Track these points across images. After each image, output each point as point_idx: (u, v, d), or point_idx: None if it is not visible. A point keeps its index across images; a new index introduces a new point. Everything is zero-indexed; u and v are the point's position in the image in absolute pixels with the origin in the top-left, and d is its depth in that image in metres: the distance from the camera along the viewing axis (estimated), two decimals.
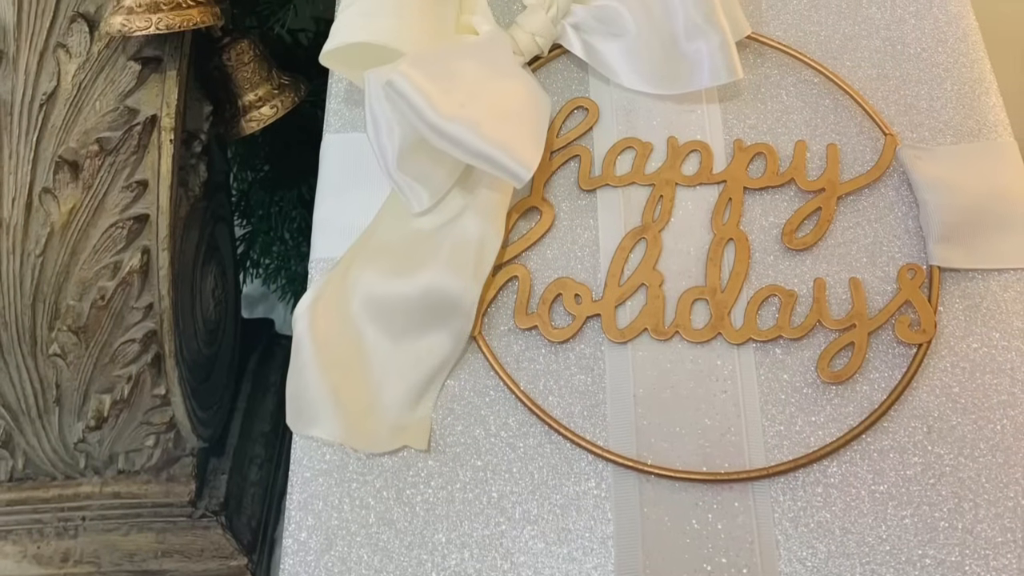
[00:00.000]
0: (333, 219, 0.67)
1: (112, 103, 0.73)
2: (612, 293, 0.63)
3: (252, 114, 0.81)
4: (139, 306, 0.77)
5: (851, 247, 0.64)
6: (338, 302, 0.63)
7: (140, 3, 0.69)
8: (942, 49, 0.70)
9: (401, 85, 0.58)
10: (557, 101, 0.69)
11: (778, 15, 0.71)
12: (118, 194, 0.74)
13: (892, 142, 0.66)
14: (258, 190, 1.10)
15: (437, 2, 0.65)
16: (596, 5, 0.67)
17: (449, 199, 0.65)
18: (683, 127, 0.67)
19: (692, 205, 0.65)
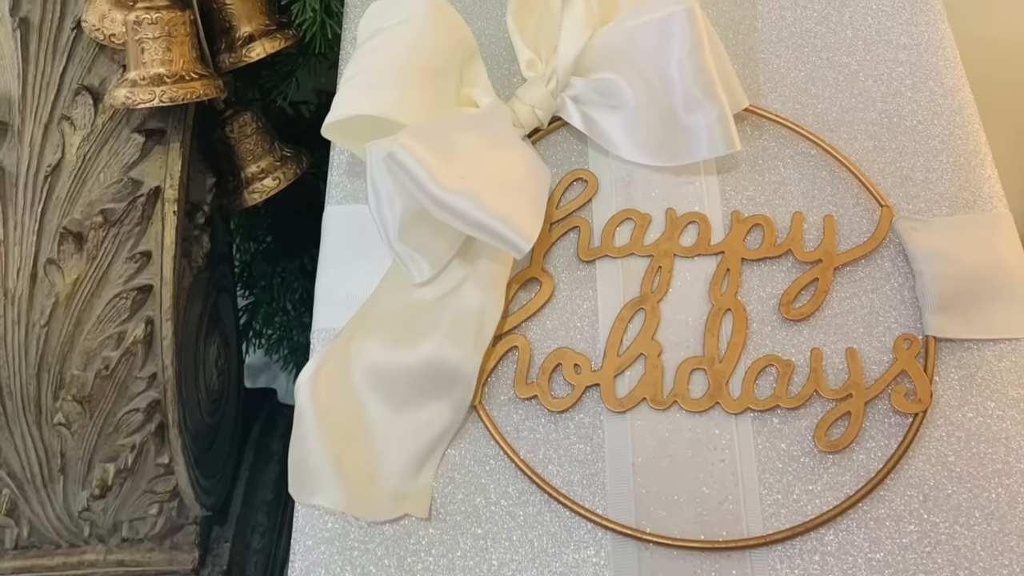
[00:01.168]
0: (335, 290, 0.71)
1: (116, 175, 0.78)
2: (611, 363, 0.67)
3: (255, 186, 0.86)
4: (143, 376, 0.81)
5: (848, 317, 0.68)
6: (340, 372, 0.67)
7: (144, 76, 0.74)
8: (938, 121, 0.75)
9: (402, 157, 0.63)
10: (557, 173, 0.73)
11: (775, 88, 0.76)
12: (122, 265, 0.79)
13: (888, 213, 0.70)
14: (260, 261, 1.15)
15: (438, 75, 0.70)
16: (595, 77, 0.72)
17: (450, 270, 0.69)
18: (681, 198, 0.72)
19: (690, 276, 0.69)
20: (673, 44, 0.69)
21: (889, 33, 0.78)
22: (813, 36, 0.78)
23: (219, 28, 0.84)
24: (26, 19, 0.78)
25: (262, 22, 0.84)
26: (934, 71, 0.76)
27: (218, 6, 0.82)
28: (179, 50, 0.75)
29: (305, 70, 0.99)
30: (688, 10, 0.69)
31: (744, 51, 0.78)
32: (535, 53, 0.73)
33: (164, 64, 0.74)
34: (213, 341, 0.93)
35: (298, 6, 0.84)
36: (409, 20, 0.71)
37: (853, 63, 0.77)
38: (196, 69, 0.76)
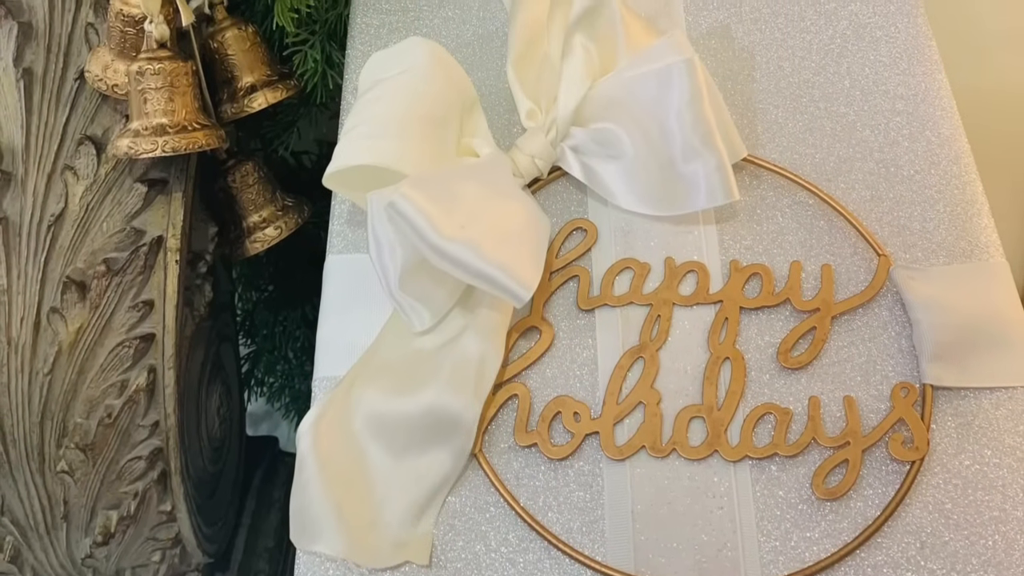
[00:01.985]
0: (336, 338, 0.74)
1: (119, 224, 0.82)
2: (610, 411, 0.70)
3: (257, 235, 0.89)
4: (145, 424, 0.84)
5: (845, 366, 0.71)
6: (341, 420, 0.70)
7: (147, 126, 0.78)
8: (935, 171, 0.78)
9: (403, 206, 0.66)
10: (556, 222, 0.76)
11: (773, 138, 0.80)
12: (125, 314, 0.82)
13: (886, 263, 0.73)
14: (262, 310, 1.18)
15: (438, 125, 0.73)
16: (594, 128, 0.75)
17: (450, 319, 0.72)
18: (680, 248, 0.75)
19: (689, 324, 0.73)
20: (672, 94, 0.72)
21: (886, 84, 0.82)
22: (811, 87, 0.82)
23: (221, 78, 0.87)
24: (30, 70, 0.82)
25: (264, 73, 0.87)
26: (931, 121, 0.80)
27: (220, 57, 0.86)
28: (181, 100, 0.78)
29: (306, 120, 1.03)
30: (687, 61, 0.72)
31: (743, 101, 0.81)
32: (535, 103, 0.77)
33: (167, 114, 0.78)
34: (215, 389, 0.96)
35: (299, 57, 0.88)
36: (410, 71, 0.74)
37: (851, 113, 0.80)
38: (198, 119, 0.79)
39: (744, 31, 0.84)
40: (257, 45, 0.87)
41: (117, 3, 0.79)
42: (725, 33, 0.84)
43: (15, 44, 0.81)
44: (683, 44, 0.73)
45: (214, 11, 0.85)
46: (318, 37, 0.88)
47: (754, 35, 0.84)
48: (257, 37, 0.87)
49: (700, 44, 0.83)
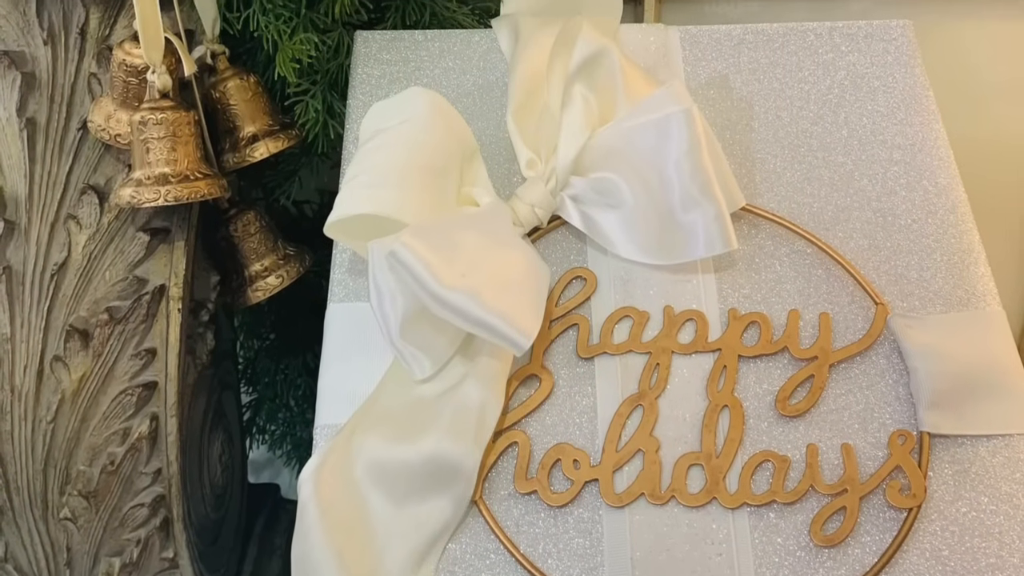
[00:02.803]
0: (337, 386, 0.77)
1: (121, 273, 0.85)
2: (610, 459, 0.72)
3: (258, 284, 0.92)
4: (148, 471, 0.87)
5: (843, 414, 0.74)
6: (342, 468, 0.72)
7: (149, 175, 0.81)
8: (932, 220, 0.81)
9: (403, 255, 0.69)
10: (556, 271, 0.79)
11: (772, 187, 0.83)
12: (127, 362, 0.85)
13: (883, 311, 0.76)
14: (264, 358, 1.21)
15: (438, 175, 0.76)
16: (594, 177, 0.78)
17: (451, 367, 0.75)
18: (679, 296, 0.78)
19: (688, 373, 0.75)
20: (671, 144, 0.76)
21: (884, 133, 0.85)
22: (809, 136, 0.85)
23: (223, 128, 0.90)
24: (33, 119, 0.85)
25: (265, 122, 0.90)
26: (928, 171, 0.83)
27: (222, 107, 0.89)
28: (184, 150, 0.82)
29: (308, 170, 1.06)
30: (686, 111, 0.75)
31: (741, 151, 0.84)
32: (535, 153, 0.80)
33: (169, 164, 0.81)
34: (217, 437, 0.99)
35: (301, 107, 0.91)
36: (410, 120, 0.77)
37: (848, 163, 0.84)
38: (200, 169, 0.83)
39: (742, 81, 0.88)
40: (259, 95, 0.90)
41: (120, 53, 0.82)
42: (723, 83, 0.87)
43: (18, 94, 0.85)
44: (682, 94, 0.76)
45: (216, 61, 0.89)
46: (319, 87, 0.91)
47: (752, 85, 0.87)
48: (259, 87, 0.90)
49: (698, 94, 0.87)
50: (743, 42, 0.89)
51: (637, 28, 0.90)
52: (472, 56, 0.90)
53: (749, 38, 0.89)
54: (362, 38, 0.90)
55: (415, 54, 0.89)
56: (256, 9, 0.85)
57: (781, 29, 0.90)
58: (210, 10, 0.85)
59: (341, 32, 0.91)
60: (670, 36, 0.89)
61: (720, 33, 0.90)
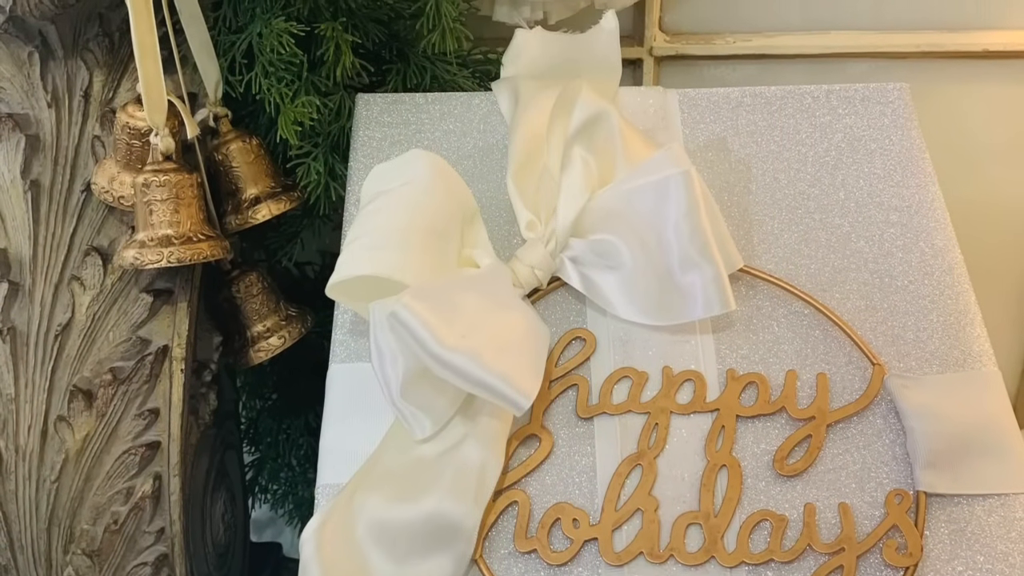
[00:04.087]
0: (339, 446, 0.79)
1: (125, 334, 0.88)
2: (609, 518, 0.75)
3: (260, 344, 0.95)
4: (151, 530, 0.90)
5: (840, 473, 0.77)
6: (344, 527, 0.75)
7: (152, 237, 0.84)
8: (928, 282, 0.84)
9: (404, 316, 0.71)
10: (556, 331, 0.82)
11: (769, 248, 0.86)
12: (131, 422, 0.88)
13: (880, 372, 0.79)
14: (266, 418, 1.24)
15: (439, 236, 0.79)
16: (593, 239, 0.81)
17: (451, 427, 0.77)
18: (677, 357, 0.81)
19: (686, 433, 0.78)
20: (670, 206, 0.79)
21: (881, 195, 0.88)
22: (806, 198, 0.88)
23: (225, 190, 0.94)
24: (37, 181, 0.89)
25: (268, 184, 0.94)
26: (925, 232, 0.86)
27: (225, 169, 0.93)
28: (186, 212, 0.85)
29: (310, 231, 1.10)
30: (684, 173, 0.78)
31: (739, 213, 0.87)
32: (534, 215, 0.83)
33: (172, 225, 0.84)
34: (220, 496, 1.02)
35: (303, 168, 0.95)
36: (411, 183, 0.80)
37: (845, 224, 0.87)
38: (203, 230, 0.86)
39: (740, 143, 0.91)
40: (261, 157, 0.94)
41: (123, 116, 0.86)
42: (722, 146, 0.91)
43: (23, 156, 0.88)
44: (680, 156, 0.80)
45: (219, 124, 0.92)
46: (321, 149, 0.95)
47: (750, 147, 0.90)
48: (261, 149, 0.94)
49: (697, 156, 0.90)
50: (741, 105, 0.93)
51: (636, 91, 0.94)
52: (472, 119, 0.93)
53: (747, 101, 0.93)
54: (363, 101, 0.94)
55: (416, 116, 0.93)
56: (258, 72, 0.89)
57: (779, 92, 0.93)
58: (213, 73, 0.89)
59: (343, 95, 0.95)
60: (669, 99, 0.93)
61: (718, 96, 0.93)
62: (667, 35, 1.19)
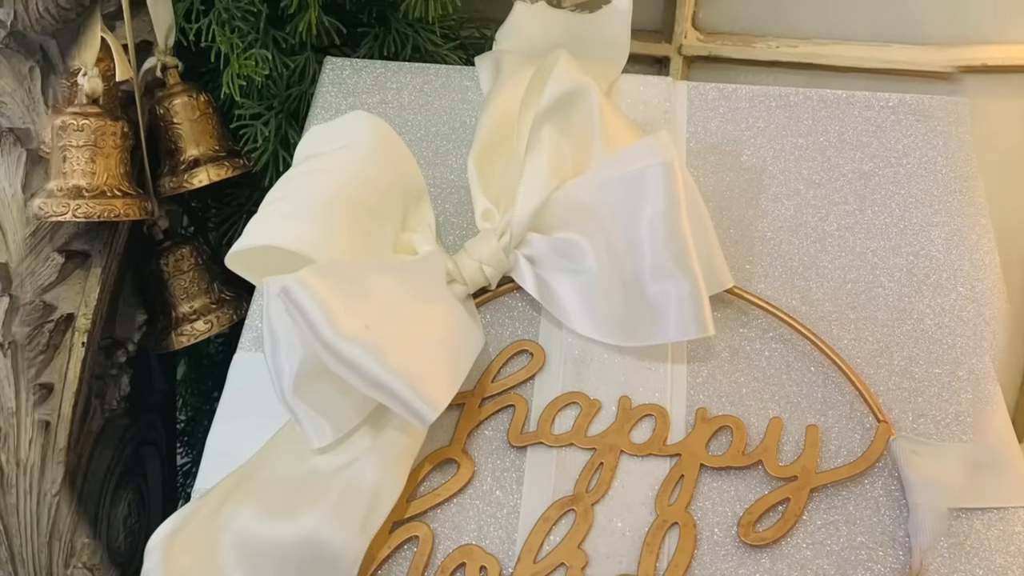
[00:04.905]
0: (227, 447, 0.65)
1: (29, 296, 0.75)
2: (525, 570, 0.60)
3: (184, 328, 0.82)
4: None
5: (819, 550, 0.60)
6: (204, 538, 0.60)
7: (62, 187, 0.72)
8: (963, 330, 0.68)
9: (297, 294, 0.57)
10: (500, 341, 0.68)
11: (770, 271, 0.70)
12: None
13: (885, 431, 0.63)
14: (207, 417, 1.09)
15: (370, 213, 0.65)
16: (556, 236, 0.67)
17: (355, 438, 0.62)
18: (640, 386, 0.65)
19: (636, 478, 0.63)
20: (645, 202, 0.64)
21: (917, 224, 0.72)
22: (825, 218, 0.73)
23: (165, 149, 0.82)
24: None
25: (211, 147, 0.81)
26: (965, 273, 0.70)
27: (166, 124, 0.81)
28: (104, 163, 0.73)
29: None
30: (665, 164, 0.63)
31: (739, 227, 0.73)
32: (493, 203, 0.68)
33: (86, 176, 0.73)
34: (124, 497, 0.88)
35: (249, 131, 0.82)
36: (349, 147, 0.66)
37: (868, 253, 0.71)
38: (121, 186, 0.74)
39: (754, 149, 0.76)
40: (207, 116, 0.81)
41: None
42: (730, 149, 0.75)
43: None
44: (664, 145, 0.64)
45: (167, 75, 0.80)
46: (275, 112, 0.81)
47: (766, 154, 0.75)
48: (209, 108, 0.82)
49: (699, 158, 0.75)
50: (761, 104, 0.78)
51: (639, 79, 0.79)
52: (449, 94, 0.80)
53: (769, 101, 0.78)
54: (331, 64, 0.81)
55: (386, 86, 0.80)
56: (212, 19, 0.76)
57: (808, 95, 0.78)
58: (164, 18, 0.78)
59: (309, 56, 0.82)
60: (677, 91, 0.78)
61: (735, 92, 0.78)
62: (701, 33, 1.01)
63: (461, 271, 0.67)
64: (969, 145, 0.75)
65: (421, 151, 0.76)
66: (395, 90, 0.79)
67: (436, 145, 0.77)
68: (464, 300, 0.67)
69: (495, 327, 0.68)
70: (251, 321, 0.70)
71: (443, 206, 0.74)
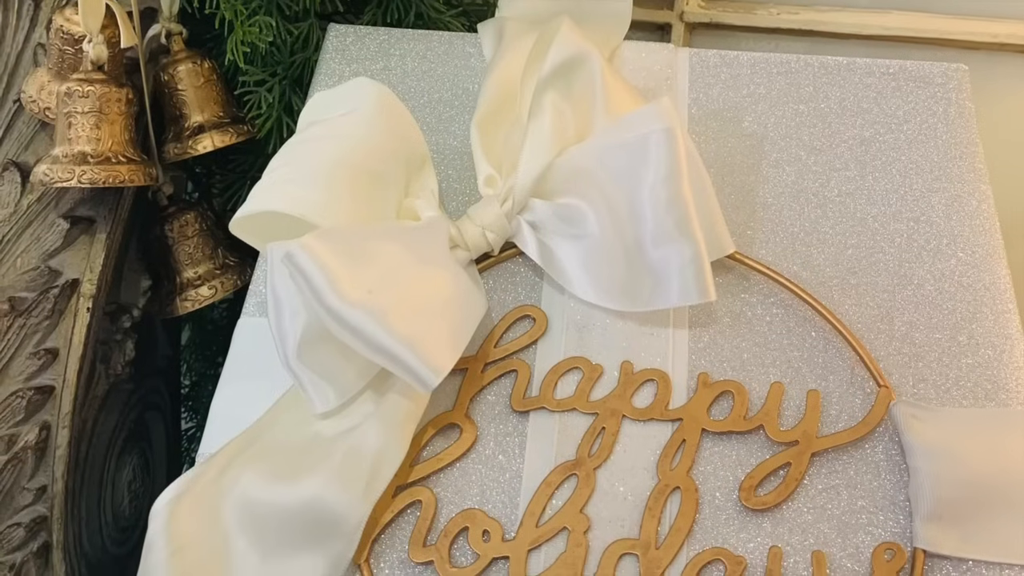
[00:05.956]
0: (231, 412, 0.62)
1: (34, 261, 0.72)
2: (527, 534, 0.57)
3: (188, 293, 0.78)
4: (31, 487, 0.73)
5: (820, 514, 0.57)
6: (208, 502, 0.58)
7: (67, 153, 0.69)
8: (963, 296, 0.64)
9: (300, 259, 0.54)
10: (503, 307, 0.64)
11: (772, 237, 0.67)
12: (24, 361, 0.72)
13: (886, 395, 0.59)
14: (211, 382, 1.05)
15: (375, 179, 0.62)
16: (558, 202, 0.63)
17: (358, 403, 0.60)
18: (642, 352, 0.62)
19: (638, 443, 0.59)
20: (647, 168, 0.61)
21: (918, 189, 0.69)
22: (826, 184, 0.69)
23: (169, 115, 0.78)
24: None
25: (215, 113, 0.78)
26: (965, 238, 0.66)
27: (170, 91, 0.77)
28: (109, 129, 0.70)
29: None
30: (667, 130, 0.60)
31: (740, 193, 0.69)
32: (496, 170, 0.65)
33: (91, 142, 0.69)
34: (129, 461, 0.85)
35: (254, 98, 0.78)
36: (353, 113, 0.63)
37: (869, 218, 0.68)
38: (126, 152, 0.70)
39: (755, 115, 0.72)
40: (212, 83, 0.78)
41: (59, 19, 0.71)
42: (732, 116, 0.72)
43: None
44: (666, 111, 0.61)
45: (171, 41, 0.77)
46: (279, 79, 0.78)
47: (767, 120, 0.72)
48: (213, 74, 0.78)
49: (701, 125, 0.72)
50: (763, 71, 0.74)
51: (641, 46, 0.75)
52: (452, 61, 0.76)
53: (770, 68, 0.74)
54: (335, 31, 0.77)
55: (389, 52, 0.76)
56: None
57: (809, 61, 0.74)
58: None
59: (313, 23, 0.78)
60: (679, 58, 0.74)
61: (737, 59, 0.74)
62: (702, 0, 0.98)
63: (464, 236, 0.63)
64: (970, 111, 0.72)
65: (424, 117, 0.72)
66: (398, 57, 0.76)
67: (439, 111, 0.73)
68: (467, 265, 0.64)
69: (498, 292, 0.65)
70: (255, 286, 0.67)
71: (446, 172, 0.70)
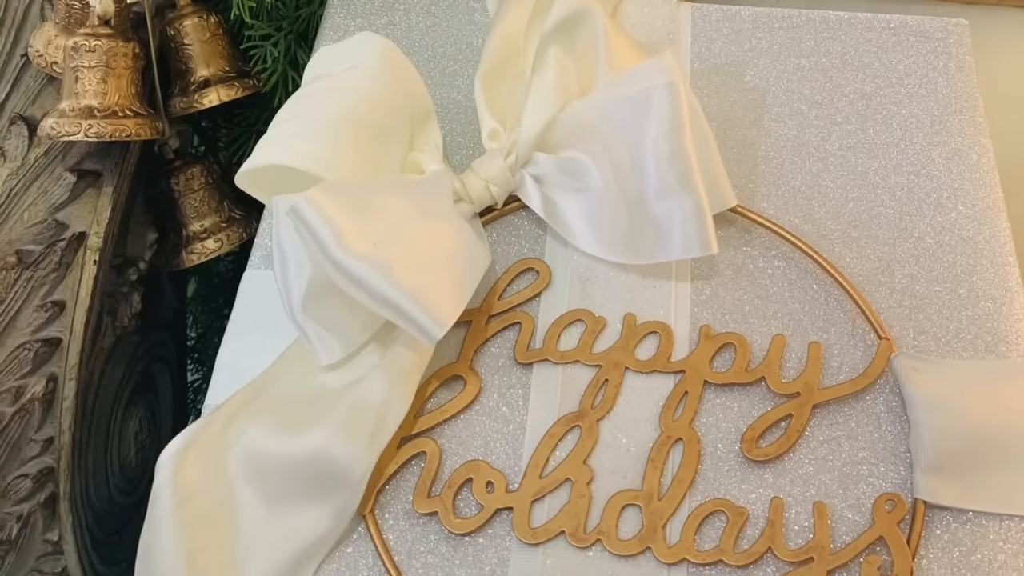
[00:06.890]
0: (236, 363, 0.60)
1: (41, 215, 0.69)
2: (530, 485, 0.55)
3: (195, 246, 0.76)
4: (38, 439, 0.70)
5: (822, 465, 0.55)
6: (214, 453, 0.56)
7: (74, 107, 0.66)
8: (963, 249, 0.62)
9: (306, 213, 0.52)
10: (506, 259, 0.62)
11: (773, 190, 0.64)
12: (31, 313, 0.69)
13: (887, 348, 0.57)
14: (216, 334, 1.03)
15: (379, 132, 0.59)
16: (562, 155, 0.61)
17: (363, 355, 0.58)
18: (644, 304, 0.60)
19: (641, 395, 0.57)
20: (650, 122, 0.58)
21: (918, 143, 0.66)
22: (827, 138, 0.66)
23: (175, 70, 0.75)
24: None
25: (221, 67, 0.75)
26: (965, 191, 0.64)
27: (176, 46, 0.74)
28: (116, 83, 0.67)
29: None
30: (669, 84, 0.57)
31: (742, 147, 0.66)
32: (500, 123, 0.63)
33: (97, 96, 0.66)
34: (136, 413, 0.82)
35: (259, 52, 0.75)
36: (357, 68, 0.61)
37: (870, 172, 0.65)
38: (132, 106, 0.67)
39: (757, 70, 0.69)
40: (218, 37, 0.74)
41: None
42: (734, 70, 0.69)
43: None
44: (668, 66, 0.58)
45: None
46: (284, 33, 0.75)
47: (769, 75, 0.69)
48: (219, 28, 0.75)
49: (703, 79, 0.69)
50: (765, 26, 0.71)
51: (644, 1, 0.72)
52: (457, 16, 0.73)
53: (772, 22, 0.71)
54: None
55: (393, 7, 0.73)
56: None
57: (811, 16, 0.71)
58: None
59: None
60: (681, 13, 0.71)
61: (739, 14, 0.71)
62: None
63: (468, 190, 0.61)
64: (970, 66, 0.69)
65: (428, 72, 0.70)
66: (402, 11, 0.73)
67: (443, 66, 0.71)
68: (471, 219, 0.61)
69: (501, 245, 0.63)
70: (261, 239, 0.65)
71: (450, 126, 0.68)
